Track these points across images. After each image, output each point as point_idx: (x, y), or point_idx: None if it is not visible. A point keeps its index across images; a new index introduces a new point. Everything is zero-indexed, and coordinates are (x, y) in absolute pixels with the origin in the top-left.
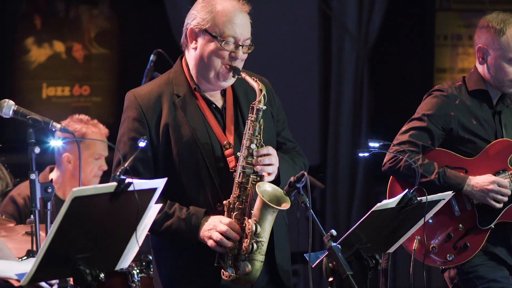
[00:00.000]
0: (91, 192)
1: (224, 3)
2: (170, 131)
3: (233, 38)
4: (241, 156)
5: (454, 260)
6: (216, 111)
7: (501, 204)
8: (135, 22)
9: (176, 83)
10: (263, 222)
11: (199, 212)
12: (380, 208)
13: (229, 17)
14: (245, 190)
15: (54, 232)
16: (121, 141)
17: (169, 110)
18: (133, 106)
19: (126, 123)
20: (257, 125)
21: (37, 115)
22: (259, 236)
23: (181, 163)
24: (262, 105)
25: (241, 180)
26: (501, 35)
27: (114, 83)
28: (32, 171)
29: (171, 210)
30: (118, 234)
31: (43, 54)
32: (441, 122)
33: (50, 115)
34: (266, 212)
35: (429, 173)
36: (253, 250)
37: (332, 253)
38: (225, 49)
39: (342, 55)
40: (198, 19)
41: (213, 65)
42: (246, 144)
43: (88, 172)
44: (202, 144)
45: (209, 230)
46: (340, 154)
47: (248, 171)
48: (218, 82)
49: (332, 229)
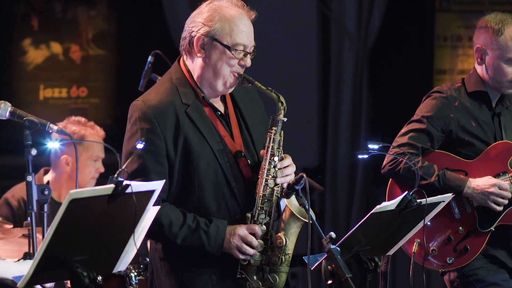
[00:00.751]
0: (89, 194)
1: (231, 11)
2: (186, 142)
3: (242, 46)
4: (264, 169)
5: (454, 263)
6: (221, 118)
7: (501, 207)
8: (133, 23)
9: (183, 92)
10: (291, 235)
11: (222, 223)
12: (379, 210)
13: (238, 26)
14: (268, 202)
15: (51, 235)
16: (133, 154)
17: (182, 121)
18: (147, 118)
19: (139, 135)
20: (278, 137)
21: (34, 116)
22: (287, 249)
23: (199, 175)
24: (282, 117)
25: (264, 193)
26: (499, 35)
27: (111, 85)
28: (28, 173)
29: (193, 223)
30: (116, 236)
31: (40, 55)
32: (441, 124)
33: (47, 116)
34: (293, 225)
35: (429, 176)
36: (282, 263)
37: (331, 255)
38: (235, 57)
39: (341, 56)
40: (206, 27)
41: (222, 74)
42: (269, 158)
43: (86, 174)
44: (218, 154)
45: (233, 240)
46: (339, 156)
47: (271, 183)
48: (225, 90)
49: (331, 232)
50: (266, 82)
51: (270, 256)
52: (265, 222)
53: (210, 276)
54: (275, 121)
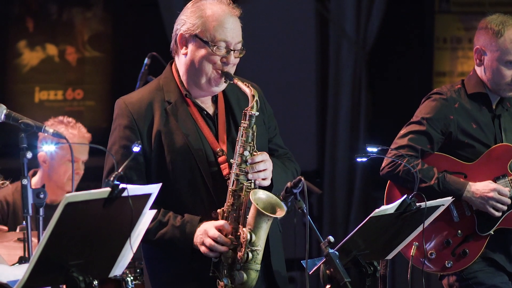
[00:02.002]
0: (84, 197)
1: (214, 7)
2: (163, 138)
3: (224, 42)
4: (235, 164)
5: (452, 267)
6: (208, 118)
7: (500, 213)
8: (129, 24)
9: (167, 90)
10: (258, 231)
11: (194, 219)
12: (378, 214)
13: (219, 22)
14: (239, 198)
15: (46, 239)
16: (112, 150)
17: (160, 117)
18: (124, 114)
19: (117, 131)
20: (250, 131)
21: (30, 119)
22: (254, 245)
23: (175, 171)
24: (255, 111)
25: (234, 188)
26: (499, 37)
27: (108, 87)
28: (24, 177)
29: (165, 218)
30: (112, 240)
31: (36, 57)
32: (440, 125)
33: (43, 119)
34: (260, 220)
35: (428, 178)
36: (248, 259)
37: (330, 259)
38: (216, 54)
39: (340, 58)
40: (188, 24)
41: (204, 71)
42: (239, 151)
43: (62, 174)
44: (196, 151)
45: (201, 236)
46: (337, 159)
47: (242, 178)
48: (210, 88)
49: (330, 236)
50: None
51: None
52: (236, 218)
53: (185, 274)
54: (246, 115)
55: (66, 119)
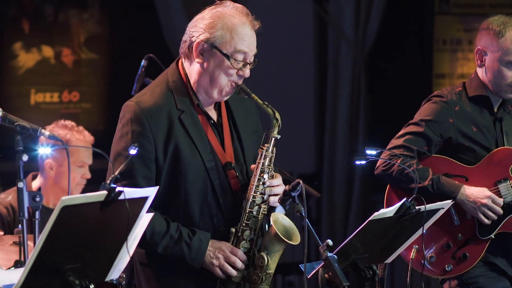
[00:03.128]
0: (81, 201)
1: (234, 19)
2: (176, 149)
3: (243, 55)
4: (253, 186)
5: (452, 271)
6: (214, 127)
7: (490, 221)
8: (126, 26)
9: (178, 96)
10: (274, 255)
11: (205, 237)
12: (377, 218)
13: (240, 35)
14: (254, 219)
15: (42, 242)
16: (122, 155)
17: (175, 127)
18: (139, 121)
19: (129, 137)
20: (269, 154)
21: (25, 122)
22: (269, 268)
23: (186, 183)
24: (276, 134)
25: (250, 209)
26: (500, 37)
27: (104, 89)
28: (20, 180)
29: (176, 233)
30: (109, 244)
31: (31, 59)
32: (439, 128)
33: (39, 121)
34: (277, 245)
35: (422, 179)
36: (262, 282)
37: (328, 263)
38: (234, 67)
39: (339, 60)
40: (207, 34)
41: (219, 83)
42: (258, 174)
43: (70, 180)
44: (207, 164)
45: (216, 258)
46: (336, 162)
47: (258, 200)
48: (221, 99)
49: (328, 239)
50: (262, 86)
51: (250, 274)
52: (249, 239)
53: (189, 287)
54: (269, 138)
55: (70, 123)
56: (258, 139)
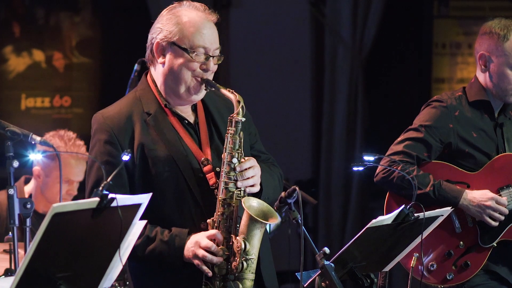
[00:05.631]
0: (72, 208)
1: (190, 14)
2: (145, 151)
3: (203, 48)
4: (223, 172)
5: (453, 279)
6: (189, 127)
7: (497, 223)
8: (118, 29)
9: (145, 101)
10: (252, 239)
11: (182, 232)
12: (375, 225)
13: (197, 28)
14: (229, 207)
15: (33, 250)
16: (93, 167)
17: (141, 129)
18: (103, 129)
19: (97, 147)
20: (237, 138)
21: (16, 127)
22: (249, 254)
23: (160, 183)
24: (241, 117)
25: (224, 197)
26: (505, 41)
27: (96, 94)
28: (10, 186)
29: (152, 233)
30: (101, 252)
31: (22, 63)
32: (439, 134)
33: (30, 127)
34: (254, 228)
35: (424, 185)
36: (243, 268)
37: (325, 272)
38: (195, 61)
39: (336, 64)
40: (165, 32)
41: (183, 79)
42: (227, 159)
43: (55, 193)
44: (180, 162)
45: (192, 248)
46: (333, 168)
47: (231, 186)
48: (189, 97)
49: (325, 247)
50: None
51: (231, 262)
52: (227, 227)
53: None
54: (232, 122)
55: (66, 135)
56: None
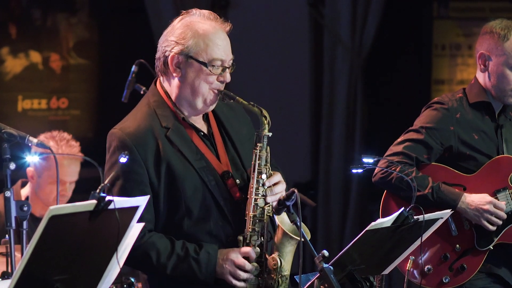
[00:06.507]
0: (69, 210)
1: (204, 26)
2: (169, 167)
3: (220, 61)
4: (253, 189)
5: (449, 282)
6: (205, 139)
7: (495, 227)
8: (116, 31)
9: (161, 114)
10: (286, 255)
11: (213, 249)
12: (374, 227)
13: (213, 41)
14: (260, 223)
15: (30, 253)
16: (116, 185)
17: (163, 145)
18: (126, 146)
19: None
20: (264, 153)
21: (13, 129)
22: (284, 270)
23: (186, 200)
24: (267, 132)
25: (254, 213)
26: (505, 41)
27: (93, 96)
28: (7, 189)
29: (182, 251)
30: (98, 254)
31: (19, 64)
32: (440, 136)
33: (26, 129)
34: (288, 244)
35: (422, 187)
36: (279, 285)
37: (324, 275)
38: (213, 74)
39: (335, 65)
40: (180, 46)
41: (201, 92)
42: (256, 176)
43: (48, 193)
44: (204, 176)
45: (226, 266)
46: (332, 170)
47: (260, 202)
48: (206, 108)
49: (324, 250)
50: (256, 92)
51: (266, 279)
52: (258, 244)
53: None
54: (260, 137)
55: (59, 136)
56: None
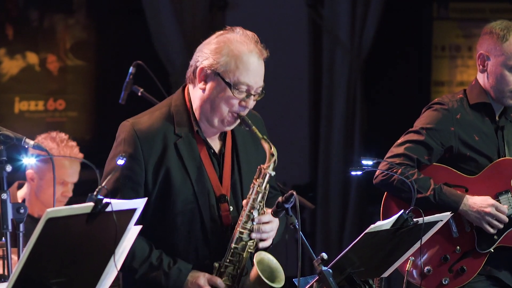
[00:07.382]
0: (67, 213)
1: (241, 47)
2: (167, 175)
3: (246, 86)
4: (241, 221)
5: (449, 284)
6: (214, 157)
7: (495, 230)
8: (113, 32)
9: (178, 121)
10: None
11: (186, 268)
12: (374, 230)
13: (245, 65)
14: (238, 256)
15: (27, 256)
16: (110, 180)
17: (169, 152)
18: (131, 142)
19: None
20: (262, 191)
21: (9, 131)
22: None
23: (174, 211)
24: (271, 171)
25: (236, 246)
26: (504, 41)
27: (91, 97)
28: (3, 191)
29: (156, 261)
30: (95, 257)
31: (16, 66)
32: (440, 137)
33: (23, 131)
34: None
35: (424, 189)
36: None
37: (323, 277)
38: (236, 97)
39: (334, 67)
40: (211, 60)
41: (220, 112)
42: (247, 210)
43: (50, 195)
44: (199, 194)
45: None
46: (331, 172)
47: (245, 236)
48: (222, 128)
49: (323, 252)
50: None
51: None
52: (232, 276)
53: None
54: (261, 173)
55: (58, 136)
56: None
